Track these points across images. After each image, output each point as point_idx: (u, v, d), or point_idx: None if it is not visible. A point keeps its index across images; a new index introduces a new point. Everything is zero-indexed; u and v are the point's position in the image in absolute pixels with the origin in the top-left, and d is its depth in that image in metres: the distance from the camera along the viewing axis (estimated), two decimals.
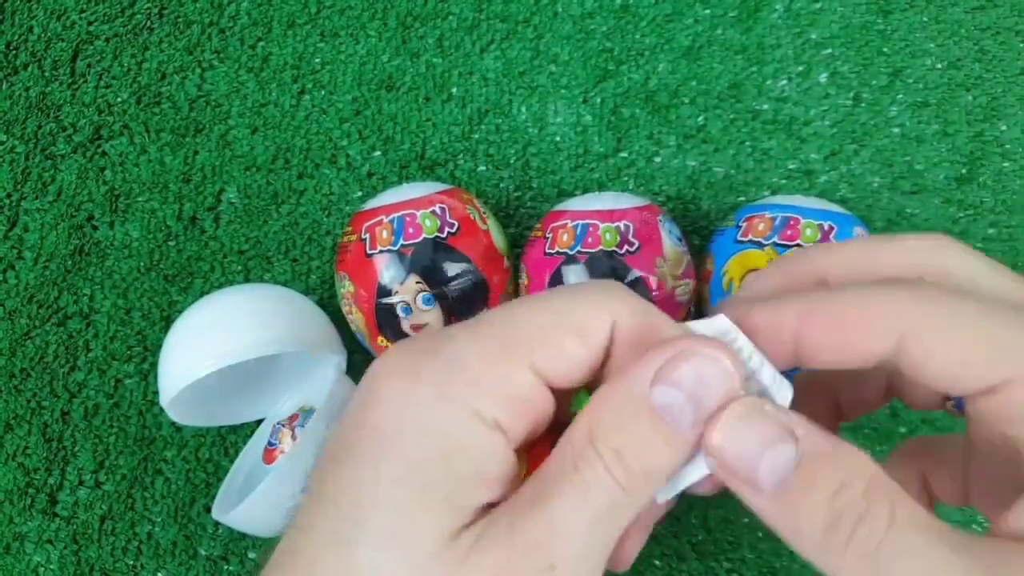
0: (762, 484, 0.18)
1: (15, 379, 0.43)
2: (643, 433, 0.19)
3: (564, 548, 0.18)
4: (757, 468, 0.18)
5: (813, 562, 0.18)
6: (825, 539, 0.18)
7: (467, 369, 0.19)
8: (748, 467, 0.18)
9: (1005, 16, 0.43)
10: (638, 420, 0.19)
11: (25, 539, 0.42)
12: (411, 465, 0.18)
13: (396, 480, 0.18)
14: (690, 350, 0.19)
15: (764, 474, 0.18)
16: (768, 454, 0.18)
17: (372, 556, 0.18)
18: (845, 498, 0.18)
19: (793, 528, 0.18)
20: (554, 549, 0.18)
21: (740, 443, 0.18)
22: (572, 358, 0.20)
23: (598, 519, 0.18)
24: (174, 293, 0.43)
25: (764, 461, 0.18)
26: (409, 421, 0.18)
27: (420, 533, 0.18)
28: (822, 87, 0.43)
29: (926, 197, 0.42)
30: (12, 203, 0.45)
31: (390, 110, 0.44)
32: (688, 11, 0.44)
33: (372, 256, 0.36)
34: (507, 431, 0.19)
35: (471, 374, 0.19)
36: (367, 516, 0.18)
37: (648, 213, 0.37)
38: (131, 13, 0.46)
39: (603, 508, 0.18)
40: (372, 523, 0.18)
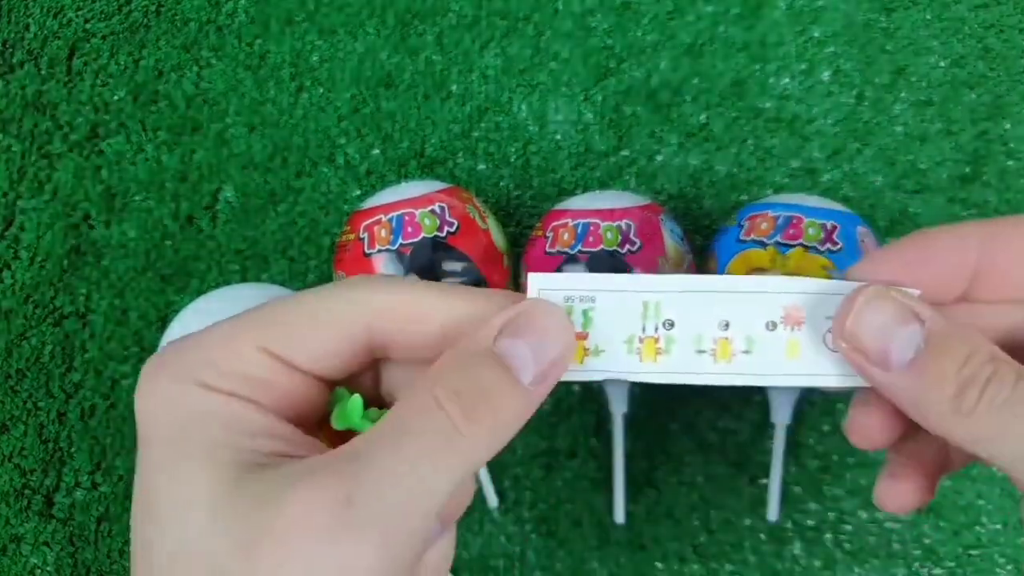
0: (893, 361, 0.20)
1: (11, 380, 0.43)
2: (487, 376, 0.19)
3: (369, 482, 0.18)
4: (889, 346, 0.20)
5: (939, 430, 0.20)
6: (955, 404, 0.19)
7: (201, 350, 0.20)
8: (880, 346, 0.20)
9: (1009, 14, 0.43)
10: (482, 365, 0.20)
11: (22, 541, 0.41)
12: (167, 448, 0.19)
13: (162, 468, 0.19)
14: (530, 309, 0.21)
15: (896, 351, 0.20)
16: (899, 331, 0.20)
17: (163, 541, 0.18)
18: (974, 364, 0.19)
19: (923, 399, 0.20)
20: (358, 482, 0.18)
21: (872, 324, 0.20)
22: (312, 345, 0.20)
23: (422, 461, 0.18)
24: (171, 293, 0.43)
25: (896, 339, 0.20)
26: (157, 412, 0.19)
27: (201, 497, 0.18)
28: (825, 85, 0.43)
29: (929, 196, 0.42)
30: (8, 202, 0.44)
31: (389, 108, 0.44)
32: (690, 8, 0.44)
33: (370, 256, 0.35)
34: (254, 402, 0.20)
35: (203, 353, 0.20)
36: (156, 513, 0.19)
37: (650, 212, 0.36)
38: (128, 11, 0.46)
39: (428, 449, 0.18)
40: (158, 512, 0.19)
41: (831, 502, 0.40)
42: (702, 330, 0.22)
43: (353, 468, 0.18)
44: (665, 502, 0.40)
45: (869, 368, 0.20)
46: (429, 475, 0.18)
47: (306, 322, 0.20)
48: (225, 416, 0.19)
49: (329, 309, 0.21)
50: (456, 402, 0.19)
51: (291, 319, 0.20)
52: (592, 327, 0.22)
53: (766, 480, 0.39)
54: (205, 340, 0.20)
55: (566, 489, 0.41)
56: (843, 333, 0.21)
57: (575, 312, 0.22)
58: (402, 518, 0.18)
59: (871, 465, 0.40)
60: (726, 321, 0.22)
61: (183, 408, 0.19)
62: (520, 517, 0.40)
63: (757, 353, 0.22)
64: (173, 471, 0.19)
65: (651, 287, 0.22)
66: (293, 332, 0.20)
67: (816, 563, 0.39)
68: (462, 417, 0.19)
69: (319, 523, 0.17)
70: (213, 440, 0.19)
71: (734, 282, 0.22)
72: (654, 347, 0.22)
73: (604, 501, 0.40)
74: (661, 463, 0.41)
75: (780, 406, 0.37)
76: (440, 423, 0.19)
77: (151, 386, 0.20)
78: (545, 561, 0.40)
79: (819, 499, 0.40)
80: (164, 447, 0.19)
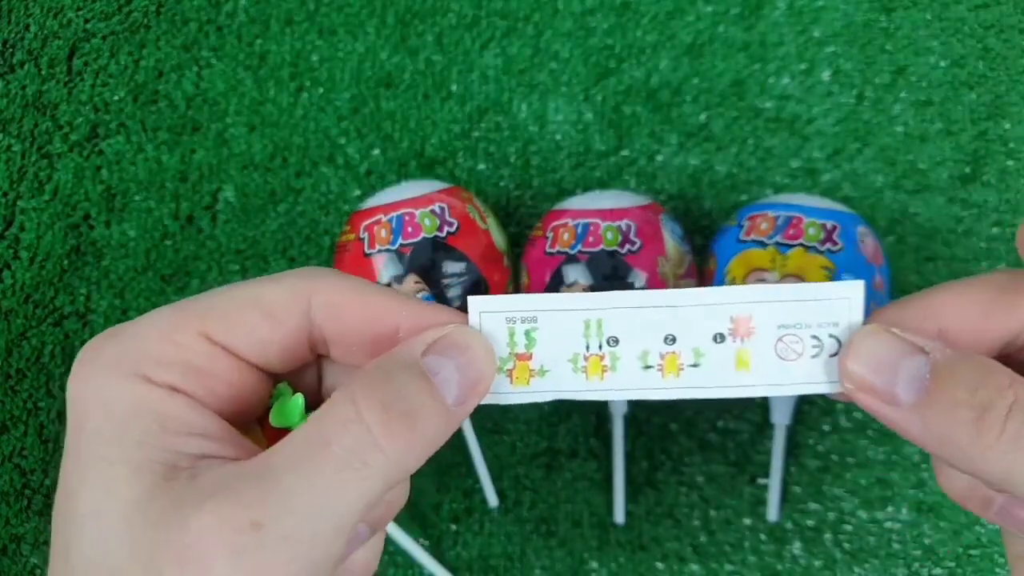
0: (901, 397, 0.19)
1: (11, 380, 0.43)
2: (412, 389, 0.19)
3: (278, 506, 0.17)
4: (895, 382, 0.19)
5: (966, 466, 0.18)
6: (975, 433, 0.18)
7: (138, 340, 0.20)
8: (886, 383, 0.19)
9: (1009, 14, 0.43)
10: (408, 377, 0.19)
11: (22, 541, 0.41)
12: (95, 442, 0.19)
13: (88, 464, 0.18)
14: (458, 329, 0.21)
15: (903, 386, 0.19)
16: (903, 364, 0.19)
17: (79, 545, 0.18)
18: (990, 388, 0.18)
19: (941, 434, 0.18)
20: (266, 506, 0.17)
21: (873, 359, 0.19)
22: (255, 334, 0.20)
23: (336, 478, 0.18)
24: (171, 293, 0.43)
25: (901, 373, 0.19)
26: (90, 402, 0.19)
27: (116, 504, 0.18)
28: (825, 85, 0.43)
29: (930, 196, 0.42)
30: (8, 202, 0.44)
31: (389, 108, 0.44)
32: (690, 8, 0.44)
33: (370, 255, 0.35)
34: (191, 395, 0.19)
35: (140, 346, 0.19)
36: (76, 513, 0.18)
37: (650, 212, 0.36)
38: (128, 11, 0.46)
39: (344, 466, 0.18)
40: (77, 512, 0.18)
41: (831, 502, 0.40)
42: (647, 346, 0.22)
43: (264, 488, 0.17)
44: (665, 502, 0.40)
45: (882, 408, 0.19)
46: (343, 493, 0.18)
47: (247, 308, 0.20)
48: (159, 412, 0.19)
49: (272, 296, 0.20)
50: (378, 415, 0.18)
51: (232, 305, 0.20)
52: (536, 347, 0.22)
53: (766, 480, 0.39)
54: (145, 328, 0.20)
55: (566, 489, 0.41)
56: (846, 374, 0.20)
57: (517, 333, 0.22)
58: (312, 539, 0.17)
59: (871, 465, 0.40)
60: (672, 335, 0.22)
61: (117, 401, 0.19)
62: (520, 517, 0.40)
63: (705, 366, 0.22)
64: (96, 469, 0.18)
65: (591, 305, 0.22)
66: (234, 318, 0.20)
67: (816, 563, 0.39)
68: (383, 431, 0.18)
69: (225, 548, 0.17)
70: (140, 439, 0.18)
71: (676, 296, 0.22)
72: (599, 365, 0.22)
73: (604, 501, 0.40)
74: (661, 463, 0.41)
75: (780, 406, 0.37)
76: (359, 437, 0.18)
77: (86, 373, 0.19)
78: (545, 561, 0.40)
79: (819, 499, 0.40)
80: (92, 441, 0.19)
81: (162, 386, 0.19)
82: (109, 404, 0.19)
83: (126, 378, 0.19)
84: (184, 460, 0.18)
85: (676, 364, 0.22)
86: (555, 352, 0.22)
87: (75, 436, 0.19)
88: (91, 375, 0.19)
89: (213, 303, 0.20)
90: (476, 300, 0.21)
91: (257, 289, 0.20)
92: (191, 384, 0.19)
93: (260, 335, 0.20)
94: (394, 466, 0.18)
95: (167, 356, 0.19)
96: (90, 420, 0.19)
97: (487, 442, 0.41)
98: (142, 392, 0.19)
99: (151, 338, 0.20)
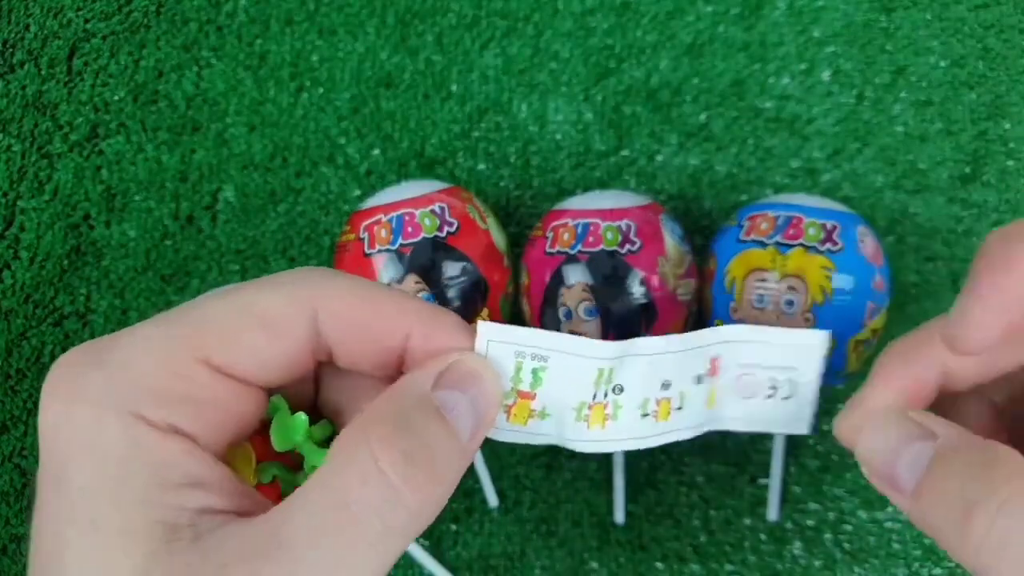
0: (902, 483, 0.18)
1: (11, 380, 0.43)
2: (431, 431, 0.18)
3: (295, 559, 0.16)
4: (896, 466, 0.18)
5: (956, 559, 0.17)
6: (963, 532, 0.16)
7: (130, 372, 0.17)
8: (887, 466, 0.18)
9: (1009, 14, 0.43)
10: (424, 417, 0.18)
11: (22, 541, 0.41)
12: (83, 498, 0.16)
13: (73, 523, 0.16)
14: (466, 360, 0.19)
15: (902, 471, 0.18)
16: (906, 452, 0.18)
17: None
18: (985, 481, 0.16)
19: (934, 525, 0.17)
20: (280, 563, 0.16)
21: (878, 446, 0.19)
22: (258, 353, 0.18)
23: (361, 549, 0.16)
24: (171, 293, 0.43)
25: (902, 459, 0.18)
26: (72, 445, 0.17)
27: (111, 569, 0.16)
28: (825, 85, 0.43)
29: (930, 196, 0.42)
30: (8, 202, 0.44)
31: (389, 108, 0.44)
32: (690, 8, 0.44)
33: (370, 255, 0.35)
34: (191, 435, 0.17)
35: (134, 377, 0.17)
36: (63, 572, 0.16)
37: (650, 212, 0.36)
38: (128, 11, 0.46)
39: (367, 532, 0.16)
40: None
41: (831, 502, 0.40)
42: (648, 393, 0.21)
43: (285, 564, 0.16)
44: (665, 502, 0.40)
45: (886, 490, 0.19)
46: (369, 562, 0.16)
47: (247, 324, 0.18)
48: (157, 462, 0.17)
49: (272, 307, 0.18)
50: (400, 468, 0.17)
51: (231, 322, 0.18)
52: (541, 387, 0.20)
53: (766, 480, 0.39)
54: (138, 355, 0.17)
55: (566, 489, 0.41)
56: (858, 456, 0.19)
57: (524, 369, 0.20)
58: None
59: None
60: (668, 381, 0.21)
61: (110, 447, 0.16)
62: (520, 517, 0.40)
63: (687, 407, 0.21)
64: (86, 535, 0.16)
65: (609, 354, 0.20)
66: (234, 337, 0.18)
67: (816, 563, 0.39)
68: (406, 484, 0.17)
69: None
70: (138, 497, 0.16)
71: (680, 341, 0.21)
72: (602, 413, 0.21)
73: (604, 501, 0.40)
74: (661, 463, 0.41)
75: None
76: (382, 493, 0.17)
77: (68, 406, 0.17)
78: (545, 561, 0.40)
79: (819, 499, 0.40)
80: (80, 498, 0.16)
81: (160, 426, 0.17)
82: (100, 450, 0.17)
83: (119, 417, 0.17)
84: (184, 516, 0.17)
85: (667, 409, 0.21)
86: (561, 396, 0.20)
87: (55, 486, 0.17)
88: (75, 410, 0.17)
89: (208, 320, 0.18)
90: (487, 328, 0.19)
91: (254, 299, 0.18)
92: (190, 420, 0.18)
93: (262, 352, 0.18)
94: (417, 519, 0.17)
95: (164, 389, 0.17)
96: (76, 469, 0.16)
97: (487, 442, 0.41)
98: (138, 436, 0.17)
99: (145, 367, 0.17)
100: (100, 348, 0.18)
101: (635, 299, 0.35)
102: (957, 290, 0.41)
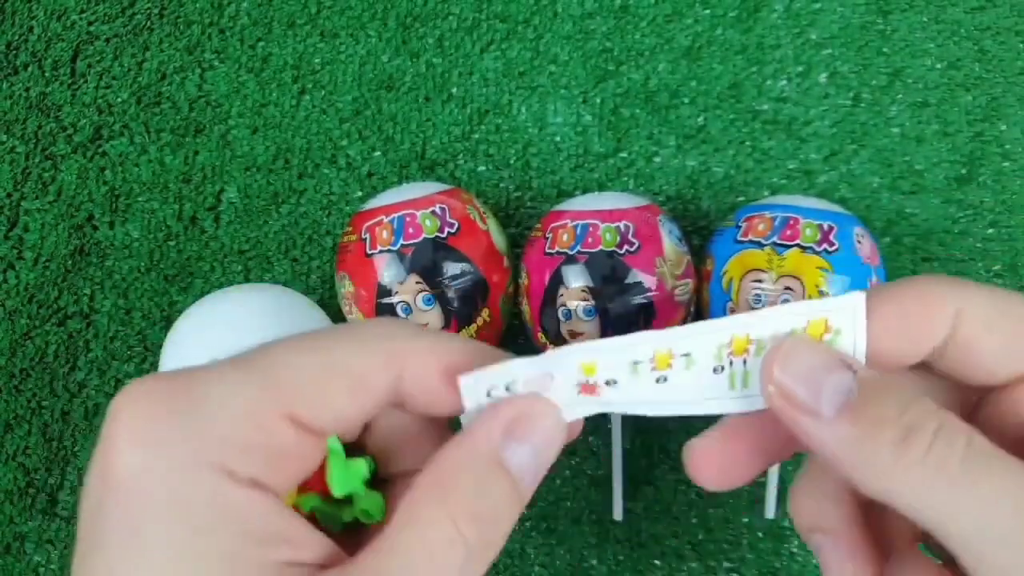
0: (823, 409, 0.18)
1: (15, 379, 0.43)
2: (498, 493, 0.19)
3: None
4: (820, 392, 0.18)
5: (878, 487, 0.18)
6: (899, 451, 0.17)
7: (217, 425, 0.17)
8: (810, 392, 0.18)
9: (1005, 16, 0.43)
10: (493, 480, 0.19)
11: (25, 539, 0.42)
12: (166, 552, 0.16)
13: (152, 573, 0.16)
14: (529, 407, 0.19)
15: (827, 397, 0.18)
16: (830, 377, 0.18)
17: None
18: (918, 410, 0.17)
19: (858, 451, 0.18)
20: None
21: (801, 369, 0.19)
22: (341, 410, 0.18)
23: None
24: (174, 293, 0.43)
25: (827, 384, 0.18)
26: (158, 502, 0.16)
27: None
28: (822, 87, 0.43)
29: (926, 197, 0.42)
30: (12, 203, 0.45)
31: (390, 110, 0.44)
32: (688, 11, 0.44)
33: (372, 256, 0.36)
34: (270, 487, 0.18)
35: (221, 430, 0.17)
36: None
37: (648, 213, 0.37)
38: (131, 13, 0.46)
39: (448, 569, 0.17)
40: None
41: None
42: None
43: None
44: (663, 500, 0.41)
45: (799, 418, 0.19)
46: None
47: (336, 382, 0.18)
48: (243, 517, 0.17)
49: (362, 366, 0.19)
50: (475, 530, 0.18)
51: (320, 378, 0.18)
52: None
53: (764, 478, 0.39)
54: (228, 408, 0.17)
55: (565, 486, 0.41)
56: (770, 379, 0.19)
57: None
58: None
59: None
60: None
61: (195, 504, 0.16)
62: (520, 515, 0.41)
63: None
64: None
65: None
66: (324, 396, 0.18)
67: (813, 560, 0.40)
68: (479, 542, 0.18)
69: None
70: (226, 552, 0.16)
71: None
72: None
73: (603, 499, 0.40)
74: (660, 461, 0.41)
75: None
76: (462, 553, 0.17)
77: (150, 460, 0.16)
78: (544, 558, 0.40)
79: None
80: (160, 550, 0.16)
81: (245, 482, 0.17)
82: (185, 506, 0.16)
83: (206, 472, 0.16)
84: (271, 571, 0.17)
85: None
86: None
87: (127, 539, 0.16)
88: (159, 463, 0.16)
89: (296, 376, 0.18)
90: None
91: (343, 357, 0.18)
92: (272, 474, 0.18)
93: (345, 409, 0.19)
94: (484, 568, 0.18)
95: (250, 443, 0.17)
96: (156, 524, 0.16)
97: None
98: (224, 491, 0.16)
99: (232, 420, 0.17)
100: (180, 390, 0.17)
101: (634, 299, 0.35)
102: None
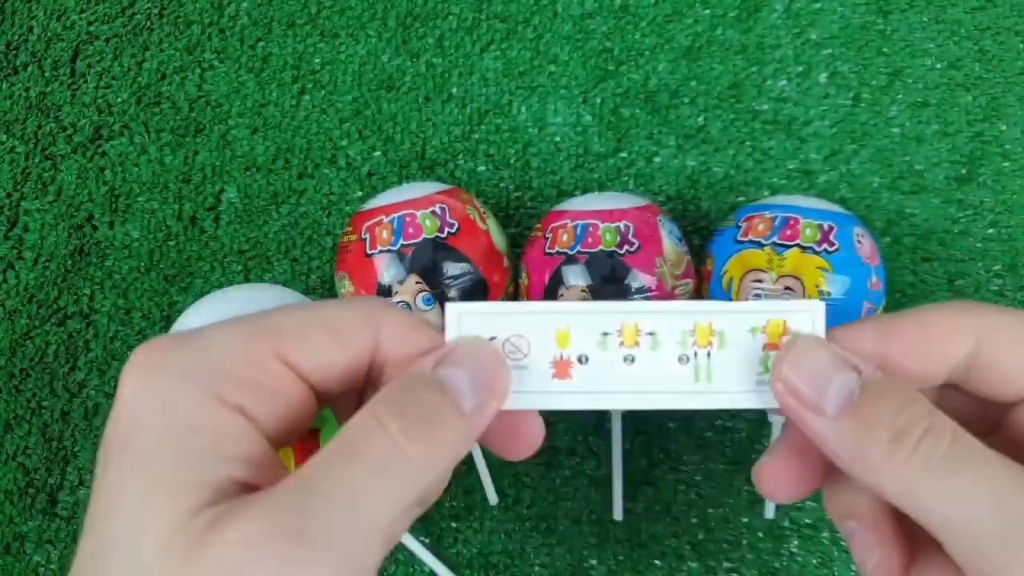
0: (827, 407, 0.20)
1: (15, 379, 0.43)
2: (428, 398, 0.20)
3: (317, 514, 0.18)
4: (824, 391, 0.20)
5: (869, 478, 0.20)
6: (889, 450, 0.19)
7: (212, 355, 0.19)
8: (816, 391, 0.20)
9: (1005, 16, 0.43)
10: (423, 388, 0.20)
11: (25, 539, 0.42)
12: (146, 456, 0.18)
13: (134, 478, 0.18)
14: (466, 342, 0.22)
15: (832, 396, 0.20)
16: (836, 378, 0.20)
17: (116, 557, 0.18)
18: (910, 413, 0.19)
19: (856, 445, 0.20)
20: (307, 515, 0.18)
21: (809, 369, 0.20)
22: (325, 355, 0.21)
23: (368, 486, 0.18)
24: (174, 293, 0.43)
25: (832, 384, 0.20)
26: (146, 411, 0.19)
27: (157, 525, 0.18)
28: (822, 87, 0.43)
29: (926, 197, 0.42)
30: (12, 203, 0.45)
31: (390, 110, 0.44)
32: (688, 11, 0.44)
33: (372, 256, 0.36)
34: (254, 417, 0.20)
35: (215, 360, 0.19)
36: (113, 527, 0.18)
37: (648, 213, 0.37)
38: (131, 13, 0.46)
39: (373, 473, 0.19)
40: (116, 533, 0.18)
41: None
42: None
43: (302, 500, 0.18)
44: (663, 500, 0.41)
45: (802, 413, 0.20)
46: (376, 498, 0.18)
47: (320, 329, 0.21)
48: (218, 434, 0.19)
49: (343, 318, 0.21)
50: (397, 421, 0.19)
51: (307, 325, 0.20)
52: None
53: None
54: (220, 342, 0.20)
55: (565, 487, 0.41)
56: (779, 377, 0.21)
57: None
58: (353, 541, 0.18)
59: None
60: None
61: (182, 416, 0.19)
62: (520, 514, 0.41)
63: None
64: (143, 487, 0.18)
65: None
66: (309, 338, 0.20)
67: (813, 561, 0.40)
68: (403, 436, 0.19)
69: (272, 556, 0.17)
70: (192, 460, 0.18)
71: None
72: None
73: (603, 499, 0.41)
74: (659, 461, 0.41)
75: None
76: (382, 444, 0.19)
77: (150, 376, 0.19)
78: (544, 558, 0.40)
79: (816, 497, 0.40)
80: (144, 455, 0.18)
81: (232, 406, 0.19)
82: (172, 415, 0.19)
83: (196, 391, 0.19)
84: (228, 484, 0.18)
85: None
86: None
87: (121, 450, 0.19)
88: (155, 382, 0.19)
89: (286, 322, 0.20)
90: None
91: (327, 311, 0.21)
92: (259, 406, 0.20)
93: (329, 357, 0.21)
94: (419, 470, 0.19)
95: (241, 374, 0.19)
96: (145, 431, 0.18)
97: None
98: (211, 408, 0.19)
99: (226, 354, 0.19)
100: (183, 335, 0.20)
101: (633, 299, 0.35)
102: (953, 290, 0.42)
